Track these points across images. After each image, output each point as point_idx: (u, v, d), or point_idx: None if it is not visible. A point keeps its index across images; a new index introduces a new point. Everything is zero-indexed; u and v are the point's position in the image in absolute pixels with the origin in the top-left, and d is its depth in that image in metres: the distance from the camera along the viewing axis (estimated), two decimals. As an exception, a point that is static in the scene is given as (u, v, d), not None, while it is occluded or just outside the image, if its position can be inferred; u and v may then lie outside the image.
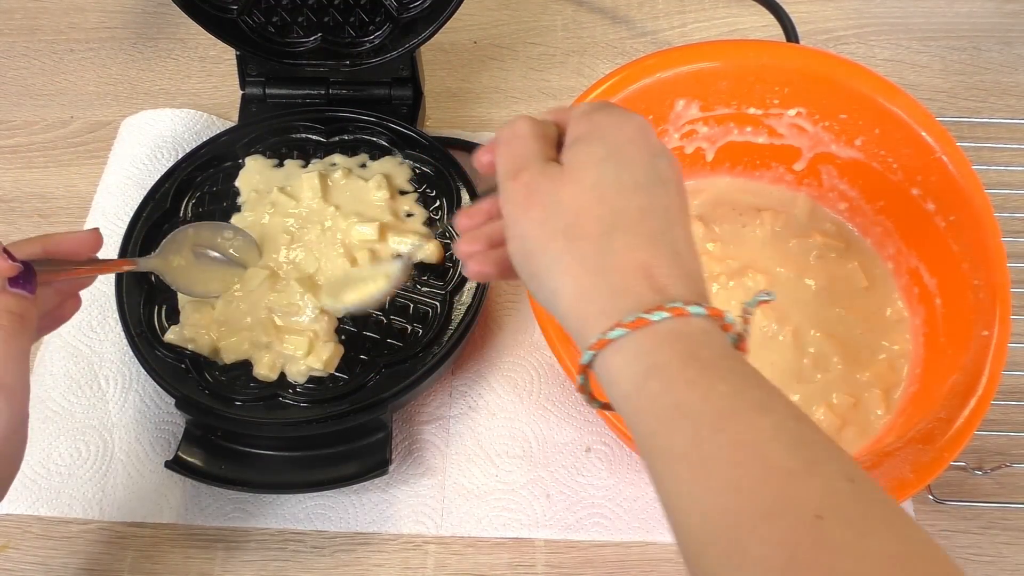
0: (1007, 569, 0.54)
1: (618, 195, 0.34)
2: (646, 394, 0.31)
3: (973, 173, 0.53)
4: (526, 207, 0.35)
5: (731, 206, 0.64)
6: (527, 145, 0.37)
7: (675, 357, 0.31)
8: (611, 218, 0.34)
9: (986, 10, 0.81)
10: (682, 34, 0.80)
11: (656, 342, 0.31)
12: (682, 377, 0.31)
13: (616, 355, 0.32)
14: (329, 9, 0.64)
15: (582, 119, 0.37)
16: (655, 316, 0.31)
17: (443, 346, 0.56)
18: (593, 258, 0.34)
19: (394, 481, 0.57)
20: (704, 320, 0.32)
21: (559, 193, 0.35)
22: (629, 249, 0.34)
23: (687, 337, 0.32)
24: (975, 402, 0.47)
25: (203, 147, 0.65)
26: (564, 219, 0.34)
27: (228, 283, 0.57)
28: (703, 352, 0.31)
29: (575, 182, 0.35)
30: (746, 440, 0.29)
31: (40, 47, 0.80)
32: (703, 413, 0.30)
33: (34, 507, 0.56)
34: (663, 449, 0.31)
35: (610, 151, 0.35)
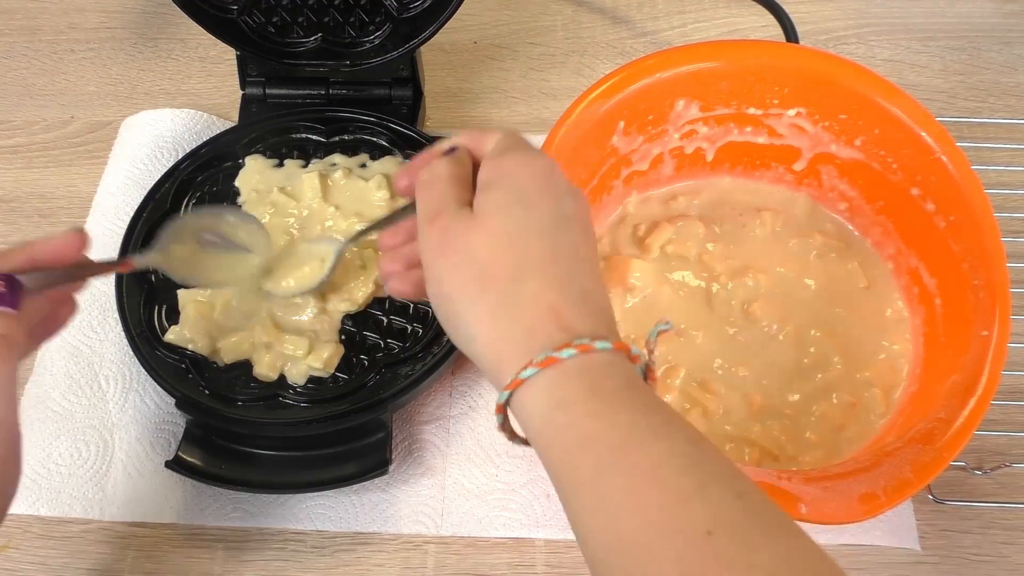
0: (1007, 569, 0.54)
1: (526, 240, 0.36)
2: (553, 427, 0.33)
3: (973, 173, 0.53)
4: (441, 253, 0.37)
5: (731, 206, 0.64)
6: (444, 191, 0.38)
7: (580, 391, 0.33)
8: (519, 264, 0.36)
9: (986, 10, 0.81)
10: (682, 34, 0.80)
11: (563, 378, 0.33)
12: (585, 409, 0.33)
13: (528, 393, 0.34)
14: (329, 9, 0.64)
15: (491, 163, 0.39)
16: (563, 353, 0.33)
17: (443, 346, 0.57)
18: (504, 302, 0.35)
19: (394, 481, 0.57)
20: (610, 354, 0.34)
21: (470, 240, 0.36)
22: (537, 293, 0.35)
23: (592, 371, 0.33)
24: (975, 402, 0.47)
25: (203, 147, 0.65)
26: (475, 266, 0.36)
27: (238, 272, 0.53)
28: (606, 384, 0.33)
29: (484, 229, 0.36)
30: (642, 466, 0.31)
31: (40, 47, 0.80)
32: (604, 443, 0.32)
33: (34, 507, 0.56)
34: (570, 479, 0.33)
35: (516, 196, 0.37)
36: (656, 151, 0.61)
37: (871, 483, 0.46)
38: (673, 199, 0.64)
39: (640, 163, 0.62)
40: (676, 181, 0.64)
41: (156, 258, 0.50)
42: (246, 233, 0.53)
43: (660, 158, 0.62)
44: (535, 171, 0.38)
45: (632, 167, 0.62)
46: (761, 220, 0.63)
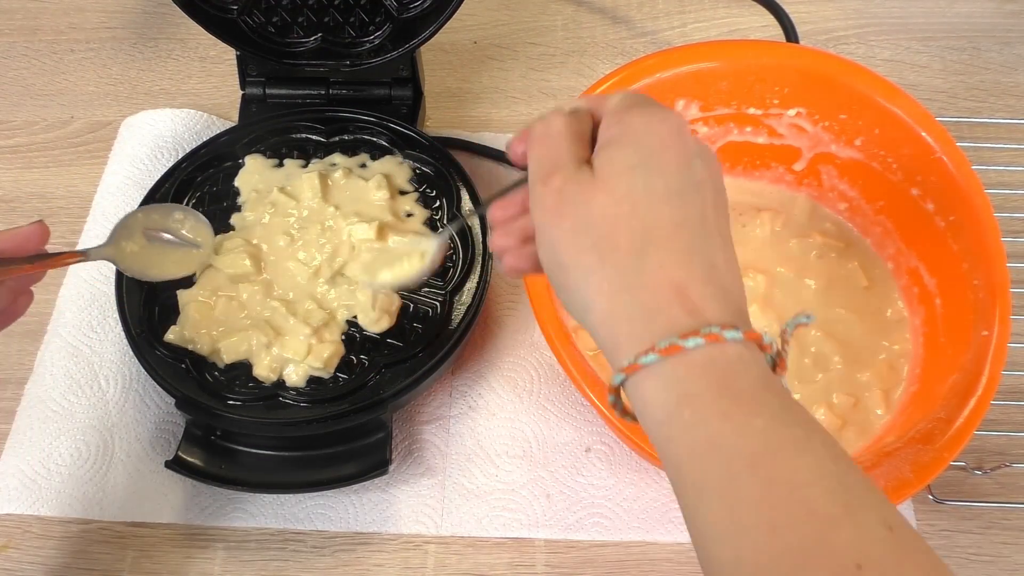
0: (1007, 569, 0.54)
1: (650, 206, 0.33)
2: (678, 424, 0.31)
3: (973, 173, 0.53)
4: (557, 216, 0.34)
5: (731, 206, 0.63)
6: (560, 146, 0.35)
7: (709, 387, 0.30)
8: (643, 232, 0.33)
9: (986, 10, 0.81)
10: (682, 34, 0.80)
11: (689, 370, 0.31)
12: (716, 409, 0.30)
13: (648, 380, 0.31)
14: (329, 9, 0.64)
15: (614, 119, 0.35)
16: (689, 343, 0.30)
17: (443, 346, 0.56)
18: (625, 275, 0.33)
19: (394, 481, 0.57)
20: (740, 345, 0.31)
21: (590, 203, 0.33)
22: (662, 267, 0.32)
23: (722, 365, 0.31)
24: (975, 402, 0.47)
25: (203, 147, 0.65)
26: (595, 232, 0.33)
27: (185, 265, 0.55)
28: (739, 382, 0.30)
29: (606, 192, 0.33)
30: (783, 480, 0.28)
31: (40, 47, 0.80)
32: (738, 449, 0.29)
33: (34, 507, 0.56)
34: (695, 482, 0.30)
35: (642, 157, 0.34)
36: (656, 151, 0.61)
37: (871, 483, 0.46)
38: (673, 199, 0.64)
39: (640, 163, 0.62)
40: (676, 181, 0.64)
41: (108, 251, 0.51)
42: (191, 228, 0.55)
43: (660, 158, 0.62)
44: (663, 129, 0.34)
45: (632, 167, 0.61)
46: (761, 220, 0.63)
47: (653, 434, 0.32)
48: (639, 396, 0.32)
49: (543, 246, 0.35)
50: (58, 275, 0.65)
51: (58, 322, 0.63)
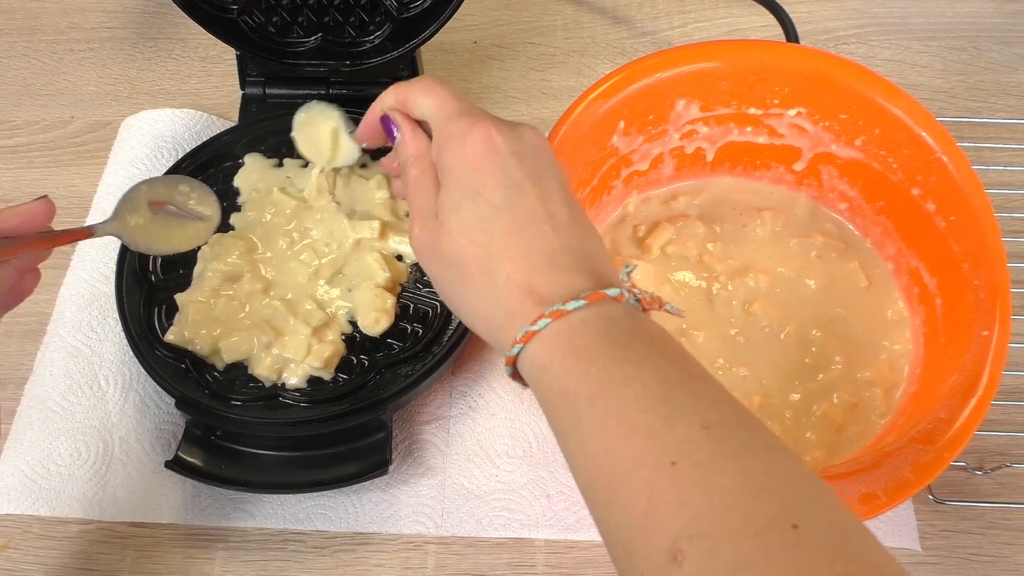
0: (1007, 569, 0.54)
1: (483, 230, 0.39)
2: (542, 389, 0.37)
3: (973, 173, 0.53)
4: (426, 260, 0.42)
5: (731, 206, 0.64)
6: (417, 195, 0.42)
7: (556, 352, 0.36)
8: (485, 256, 0.39)
9: (986, 10, 0.81)
10: (682, 34, 0.80)
11: (543, 345, 0.36)
12: (561, 368, 0.36)
13: (522, 364, 0.38)
14: (329, 9, 0.64)
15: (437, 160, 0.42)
16: (538, 325, 0.36)
17: (443, 346, 0.56)
18: (485, 294, 0.39)
19: (394, 481, 0.57)
20: (584, 310, 0.36)
21: (439, 246, 0.40)
22: (508, 277, 0.38)
23: (567, 332, 0.36)
24: (975, 402, 0.47)
25: (203, 147, 0.65)
26: (452, 268, 0.40)
27: (192, 238, 0.54)
28: (578, 341, 0.36)
29: (446, 233, 0.40)
30: (612, 410, 0.34)
31: (40, 47, 0.80)
32: (578, 394, 0.35)
33: (34, 507, 0.56)
34: (559, 430, 0.36)
35: (463, 190, 0.40)
36: (656, 151, 0.61)
37: (871, 483, 0.46)
38: (673, 199, 0.64)
39: (640, 163, 0.62)
40: (676, 181, 0.64)
41: (114, 226, 0.51)
42: (198, 200, 0.54)
43: (660, 158, 0.62)
44: (471, 154, 0.40)
45: (632, 167, 0.61)
46: (761, 220, 0.63)
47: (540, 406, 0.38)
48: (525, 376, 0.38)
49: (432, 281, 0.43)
50: (58, 275, 0.65)
51: (58, 322, 0.63)
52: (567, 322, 0.36)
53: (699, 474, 0.31)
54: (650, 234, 0.62)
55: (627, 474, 0.32)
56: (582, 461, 0.35)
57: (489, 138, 0.40)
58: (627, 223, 0.63)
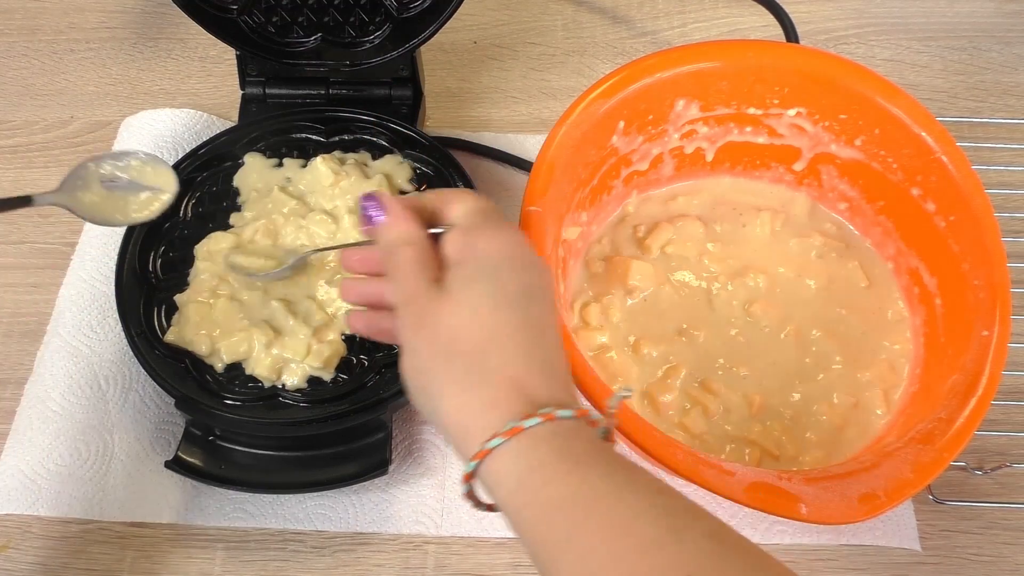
0: (1007, 569, 0.54)
1: (492, 314, 0.38)
2: (529, 489, 0.35)
3: (973, 173, 0.53)
4: (416, 330, 0.39)
5: (731, 206, 0.64)
6: (414, 276, 0.40)
7: (551, 453, 0.35)
8: (486, 337, 0.38)
9: (986, 10, 0.81)
10: (682, 34, 0.80)
11: (534, 443, 0.35)
12: (558, 470, 0.34)
13: (497, 460, 0.36)
14: (329, 9, 0.64)
15: (460, 240, 0.41)
16: (528, 423, 0.35)
17: (443, 346, 0.56)
18: (469, 374, 0.37)
19: (394, 481, 0.57)
20: (572, 421, 0.36)
21: (439, 314, 0.39)
22: (502, 365, 0.37)
23: (560, 435, 0.35)
24: (975, 402, 0.47)
25: (203, 147, 0.65)
26: (444, 340, 0.38)
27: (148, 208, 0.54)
28: (575, 446, 0.35)
29: (452, 303, 0.39)
30: (616, 519, 0.33)
31: (40, 47, 0.80)
32: (578, 501, 0.33)
33: (34, 507, 0.56)
34: (546, 538, 0.34)
35: (484, 272, 0.39)
36: (656, 151, 0.61)
37: (871, 483, 0.46)
38: (673, 199, 0.64)
39: (640, 163, 0.62)
40: (676, 181, 0.64)
41: (60, 198, 0.51)
42: (153, 172, 0.54)
43: (660, 158, 0.62)
44: (503, 244, 0.40)
45: (632, 167, 0.61)
46: (761, 220, 0.63)
47: (506, 506, 0.36)
48: (490, 476, 0.36)
49: (407, 355, 0.40)
50: (58, 275, 0.65)
51: (58, 322, 0.63)
52: (559, 427, 0.35)
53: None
54: (650, 234, 0.62)
55: None
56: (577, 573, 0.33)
57: (522, 241, 0.41)
58: (627, 223, 0.63)
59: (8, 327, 0.64)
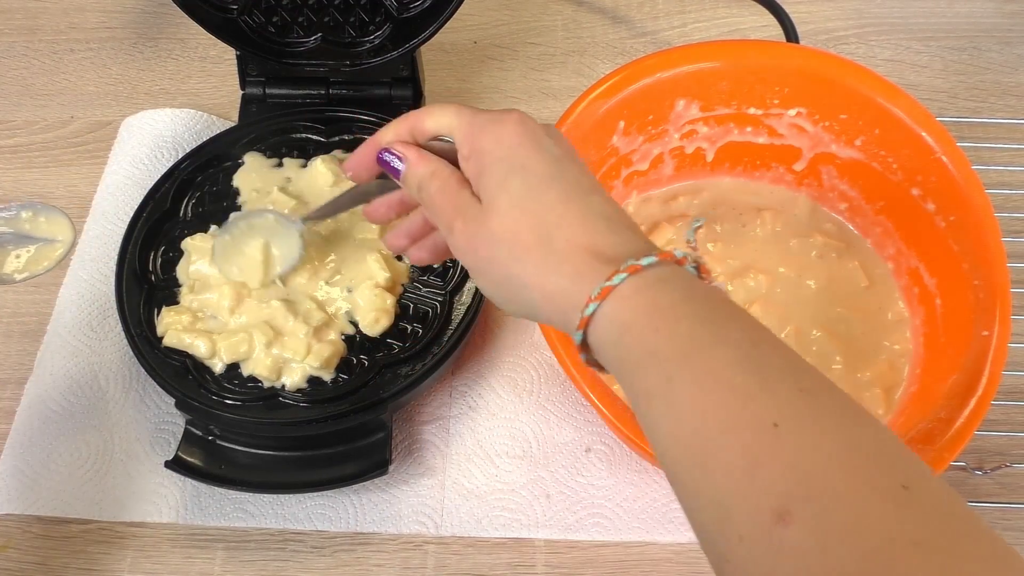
0: (1007, 569, 0.54)
1: (535, 201, 0.38)
2: (624, 349, 0.35)
3: (973, 173, 0.53)
4: (472, 251, 0.40)
5: (731, 206, 0.64)
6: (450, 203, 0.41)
7: (639, 310, 0.35)
8: (540, 224, 0.38)
9: (986, 10, 0.81)
10: (682, 34, 0.80)
11: (623, 303, 0.35)
12: (648, 327, 0.34)
13: (597, 326, 0.36)
14: (329, 9, 0.64)
15: (468, 151, 0.41)
16: (615, 280, 0.35)
17: (443, 346, 0.56)
18: (545, 263, 0.37)
19: (394, 481, 0.57)
20: (657, 268, 0.36)
21: (490, 228, 0.39)
22: (568, 240, 0.37)
23: (646, 289, 0.35)
24: (975, 402, 0.47)
25: (203, 147, 0.65)
26: (505, 247, 0.38)
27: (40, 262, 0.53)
28: (663, 299, 0.35)
29: (495, 212, 0.39)
30: (707, 370, 0.33)
31: (40, 47, 0.80)
32: (668, 354, 0.34)
33: (34, 507, 0.56)
34: (642, 391, 0.35)
35: (507, 168, 0.39)
36: (656, 151, 0.61)
37: (871, 483, 0.46)
38: (673, 199, 0.64)
39: (640, 163, 0.62)
40: (676, 181, 0.64)
41: None
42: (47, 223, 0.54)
43: (660, 158, 0.62)
44: (510, 135, 0.39)
45: (632, 167, 0.61)
46: (762, 220, 0.63)
47: (612, 368, 0.36)
48: (596, 343, 0.36)
49: (477, 277, 0.41)
50: (58, 275, 0.65)
51: (58, 322, 0.63)
52: (644, 278, 0.35)
53: (802, 436, 0.31)
54: (650, 234, 0.62)
55: (726, 435, 0.31)
56: (671, 424, 0.33)
57: (523, 120, 0.40)
58: (627, 223, 0.63)
59: (8, 327, 0.64)
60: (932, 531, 0.28)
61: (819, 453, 0.30)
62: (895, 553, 0.27)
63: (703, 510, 0.32)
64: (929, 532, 0.28)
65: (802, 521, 0.29)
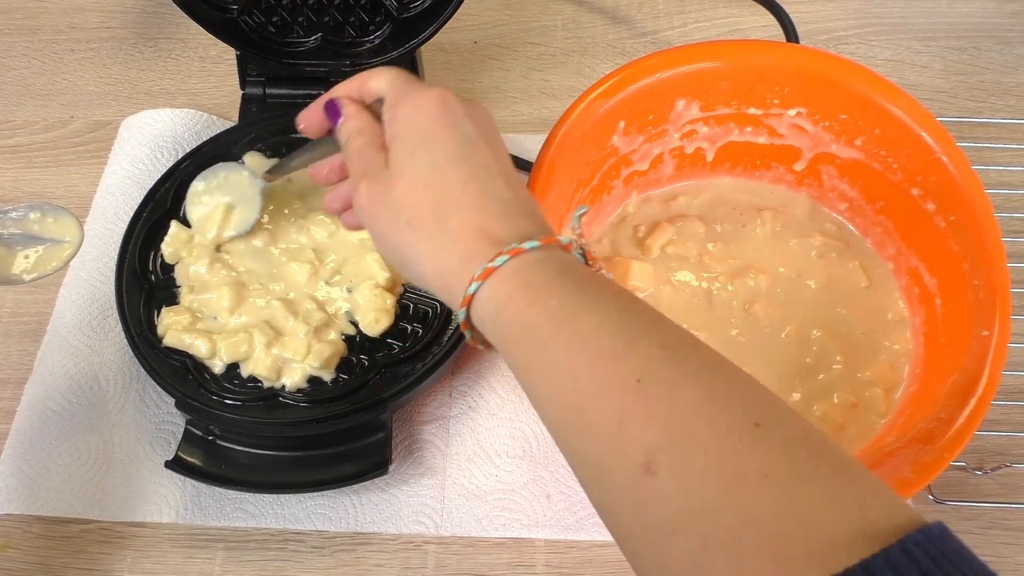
0: (1007, 569, 0.54)
1: (439, 178, 0.40)
2: (502, 324, 0.38)
3: (973, 173, 0.53)
4: (372, 213, 0.41)
5: (731, 206, 0.64)
6: (361, 163, 0.43)
7: (515, 289, 0.37)
8: (439, 200, 0.40)
9: (986, 10, 0.81)
10: (682, 34, 0.80)
11: (501, 282, 0.37)
12: (522, 302, 0.37)
13: (478, 304, 0.38)
14: (329, 9, 0.64)
15: (388, 117, 0.43)
16: (497, 262, 0.37)
17: (443, 346, 0.56)
18: (439, 238, 0.39)
19: (394, 481, 0.57)
20: (540, 251, 0.38)
21: (392, 193, 0.41)
22: (464, 220, 0.39)
23: (523, 270, 0.37)
24: (975, 402, 0.47)
25: (203, 147, 0.65)
26: (404, 215, 0.40)
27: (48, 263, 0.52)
28: (536, 278, 0.37)
29: (401, 180, 0.40)
30: (577, 337, 0.35)
31: (40, 47, 0.80)
32: (541, 325, 0.36)
33: (34, 507, 0.56)
34: (522, 362, 0.37)
35: (419, 141, 0.41)
36: (656, 151, 0.61)
37: (871, 483, 0.46)
38: (673, 199, 0.64)
39: (640, 163, 0.62)
40: (676, 181, 0.64)
41: None
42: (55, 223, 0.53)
43: (660, 158, 0.62)
44: (428, 109, 0.41)
45: (632, 167, 0.61)
46: (762, 220, 0.63)
47: (495, 343, 0.39)
48: (478, 320, 0.39)
49: (375, 240, 0.42)
50: (58, 275, 0.65)
51: (58, 322, 0.63)
52: (524, 260, 0.37)
53: (663, 388, 0.33)
54: (650, 234, 0.62)
55: (596, 396, 0.33)
56: (548, 390, 0.36)
57: (444, 98, 0.42)
58: (627, 223, 0.63)
59: (8, 327, 0.64)
60: (780, 461, 0.30)
61: (678, 403, 0.32)
62: (747, 484, 0.30)
63: (585, 468, 0.35)
64: (776, 462, 0.30)
65: (666, 468, 0.31)
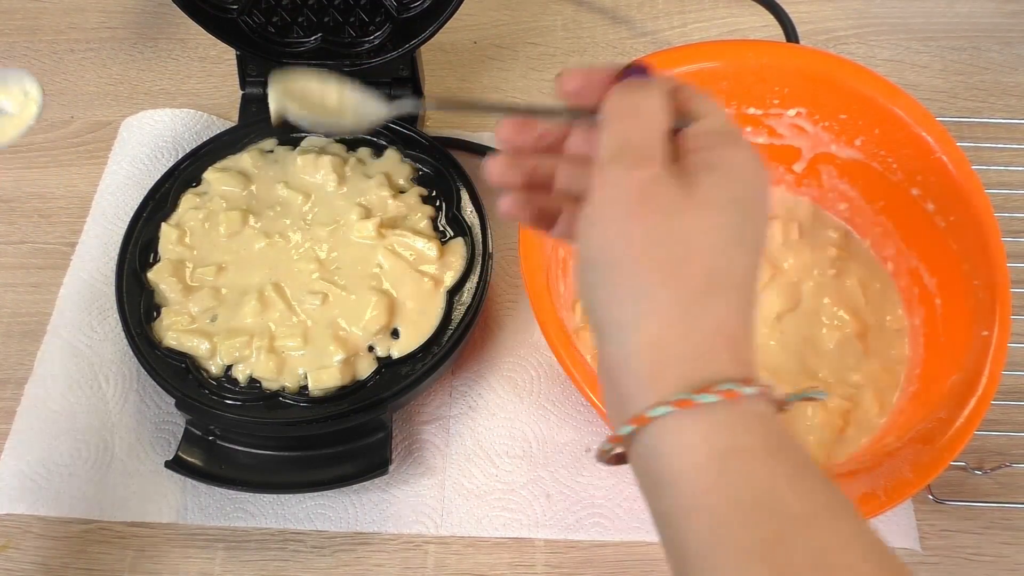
0: (1007, 569, 0.54)
1: (735, 249, 0.31)
2: (725, 477, 0.28)
3: (973, 173, 0.53)
4: (631, 214, 0.30)
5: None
6: (654, 133, 0.31)
7: (759, 444, 0.29)
8: (717, 272, 0.30)
9: (986, 10, 0.81)
10: (682, 34, 0.80)
11: (743, 422, 0.29)
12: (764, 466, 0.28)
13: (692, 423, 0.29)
14: (329, 9, 0.64)
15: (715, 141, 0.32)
16: (746, 390, 0.29)
17: (443, 346, 0.56)
18: (685, 309, 0.30)
19: (394, 481, 0.57)
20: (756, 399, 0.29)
21: (680, 218, 0.30)
22: (724, 314, 0.30)
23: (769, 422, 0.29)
24: (975, 402, 0.47)
25: (203, 147, 0.65)
26: (670, 252, 0.30)
27: None
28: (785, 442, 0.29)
29: (700, 216, 0.30)
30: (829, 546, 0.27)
31: (40, 47, 0.80)
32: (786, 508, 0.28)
33: (34, 507, 0.56)
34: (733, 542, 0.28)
35: (740, 198, 0.31)
36: (656, 151, 0.61)
37: (871, 483, 0.46)
38: (673, 199, 0.64)
39: (640, 163, 0.62)
40: (676, 181, 0.64)
41: None
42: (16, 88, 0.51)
43: (660, 158, 0.62)
44: (758, 178, 0.32)
45: (632, 167, 0.61)
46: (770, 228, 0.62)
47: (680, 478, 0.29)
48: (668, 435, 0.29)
49: (592, 234, 0.31)
50: (58, 275, 0.65)
51: (58, 322, 0.63)
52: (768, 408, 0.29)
53: None
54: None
55: None
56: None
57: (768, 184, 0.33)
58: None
59: (8, 327, 0.64)
60: None
61: None
62: None
63: None
64: None
65: None
